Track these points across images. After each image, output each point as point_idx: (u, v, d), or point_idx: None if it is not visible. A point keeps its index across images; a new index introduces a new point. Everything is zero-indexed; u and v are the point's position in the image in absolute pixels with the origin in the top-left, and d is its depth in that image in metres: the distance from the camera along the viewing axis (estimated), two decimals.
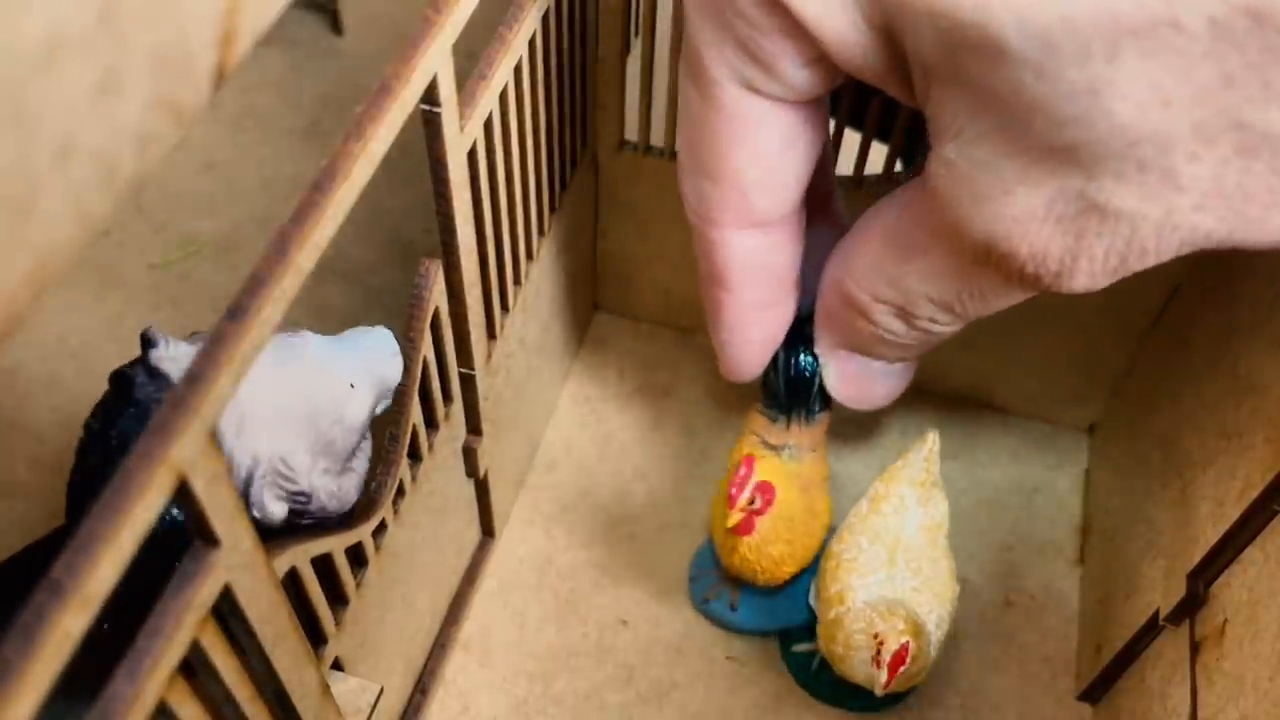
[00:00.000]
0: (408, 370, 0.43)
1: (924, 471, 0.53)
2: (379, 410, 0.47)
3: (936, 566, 0.51)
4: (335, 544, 0.40)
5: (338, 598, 0.42)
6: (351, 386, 0.44)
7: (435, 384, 0.46)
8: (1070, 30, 0.27)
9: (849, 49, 0.33)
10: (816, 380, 0.49)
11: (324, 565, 0.40)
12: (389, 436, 0.44)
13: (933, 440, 0.54)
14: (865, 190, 0.54)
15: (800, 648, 0.55)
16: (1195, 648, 0.44)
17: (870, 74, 0.34)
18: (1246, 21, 0.26)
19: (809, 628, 0.54)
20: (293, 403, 0.43)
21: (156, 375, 0.42)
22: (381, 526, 0.44)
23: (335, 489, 0.44)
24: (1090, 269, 0.32)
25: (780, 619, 0.56)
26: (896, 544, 0.51)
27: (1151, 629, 0.48)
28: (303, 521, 0.44)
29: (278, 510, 0.42)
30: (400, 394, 0.44)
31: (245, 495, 0.41)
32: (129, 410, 0.42)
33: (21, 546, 0.46)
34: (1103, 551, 0.57)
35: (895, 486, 0.53)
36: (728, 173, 0.39)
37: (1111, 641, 0.52)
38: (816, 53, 0.34)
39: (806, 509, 0.51)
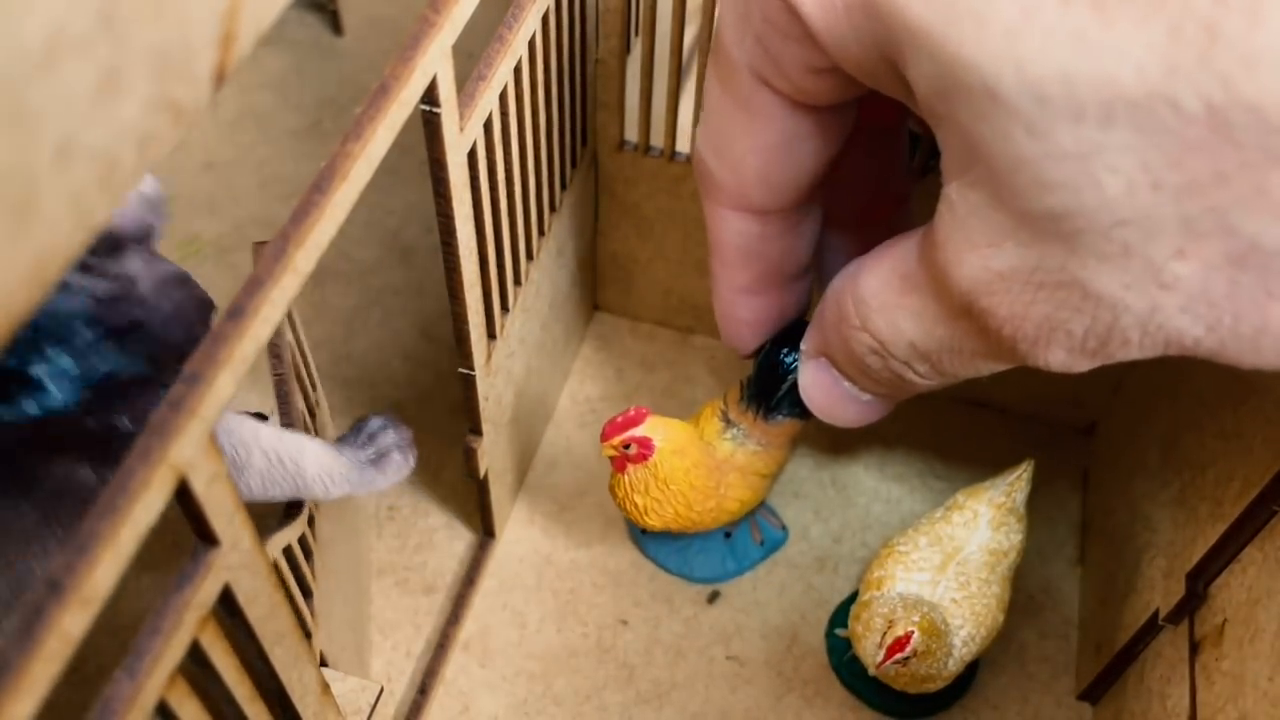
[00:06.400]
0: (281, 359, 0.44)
1: (1006, 495, 0.53)
2: None
3: (986, 590, 0.51)
4: (290, 535, 0.41)
5: (304, 591, 0.43)
6: None
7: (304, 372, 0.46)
8: (1068, 88, 0.26)
9: (862, 72, 0.32)
10: (785, 384, 0.49)
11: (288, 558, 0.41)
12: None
13: (1025, 468, 0.54)
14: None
15: (841, 632, 0.56)
16: (1194, 647, 0.44)
17: (891, 95, 0.33)
18: (1246, 117, 0.25)
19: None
20: None
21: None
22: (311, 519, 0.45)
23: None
24: (1068, 345, 0.31)
25: (681, 566, 0.58)
26: (954, 555, 0.52)
27: (1151, 629, 0.48)
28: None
29: None
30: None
31: None
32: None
33: None
34: (1102, 551, 0.57)
35: (973, 501, 0.53)
36: (730, 156, 0.39)
37: (1111, 641, 0.52)
38: (829, 64, 0.33)
39: (698, 485, 0.51)
